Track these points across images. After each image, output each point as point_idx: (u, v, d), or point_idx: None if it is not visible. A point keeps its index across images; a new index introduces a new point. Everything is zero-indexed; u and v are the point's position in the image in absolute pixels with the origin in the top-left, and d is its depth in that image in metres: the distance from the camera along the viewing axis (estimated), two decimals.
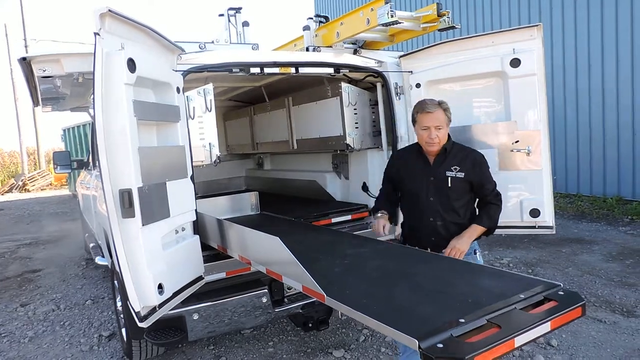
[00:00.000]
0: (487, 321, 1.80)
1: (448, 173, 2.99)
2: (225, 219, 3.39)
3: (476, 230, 3.00)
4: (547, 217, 3.68)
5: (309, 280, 2.21)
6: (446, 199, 3.01)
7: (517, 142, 3.65)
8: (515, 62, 3.61)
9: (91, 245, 5.76)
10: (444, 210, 3.02)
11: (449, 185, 2.99)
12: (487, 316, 1.82)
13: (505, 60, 3.64)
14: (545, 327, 1.77)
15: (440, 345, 1.62)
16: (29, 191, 22.27)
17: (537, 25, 3.62)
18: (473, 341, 1.66)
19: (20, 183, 22.89)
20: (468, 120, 3.90)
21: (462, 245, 2.91)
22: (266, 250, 2.74)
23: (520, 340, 1.73)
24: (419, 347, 1.63)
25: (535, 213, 3.68)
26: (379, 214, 3.21)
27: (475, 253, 3.09)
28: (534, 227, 3.74)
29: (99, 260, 4.74)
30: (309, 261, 2.45)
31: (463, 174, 2.98)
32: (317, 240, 3.61)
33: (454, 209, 3.03)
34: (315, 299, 2.96)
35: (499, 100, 3.78)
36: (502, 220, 3.84)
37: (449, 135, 3.07)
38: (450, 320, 1.79)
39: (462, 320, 1.77)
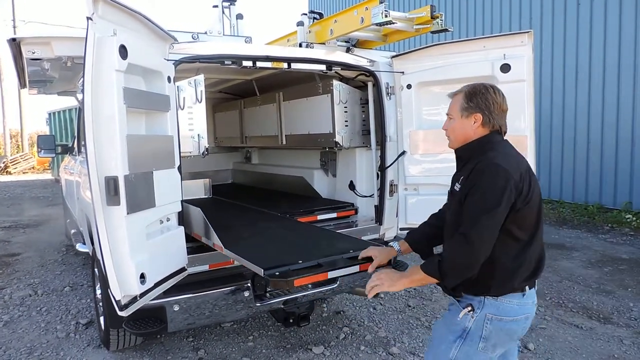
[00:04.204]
0: (318, 263, 2.76)
1: (456, 185, 2.15)
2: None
3: (414, 273, 2.12)
4: None
5: (214, 236, 3.13)
6: (449, 220, 2.19)
7: None
8: (506, 68, 3.64)
9: (72, 231, 5.69)
10: (447, 236, 2.18)
11: (448, 200, 2.26)
12: (319, 260, 2.80)
13: (496, 65, 3.67)
14: (354, 269, 2.67)
15: (277, 273, 2.60)
16: (10, 174, 21.92)
17: (528, 32, 3.66)
18: (300, 272, 2.65)
19: (2, 165, 22.53)
20: None
21: (388, 282, 2.15)
22: (196, 219, 3.49)
23: (332, 274, 2.70)
24: (263, 273, 2.59)
25: None
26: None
27: (469, 311, 2.09)
28: None
29: (79, 247, 4.69)
30: (222, 228, 3.30)
31: (460, 186, 2.10)
32: (245, 218, 4.47)
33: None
34: (297, 296, 3.65)
35: None
36: None
37: (485, 141, 2.13)
38: (293, 261, 2.77)
39: (300, 261, 2.77)
